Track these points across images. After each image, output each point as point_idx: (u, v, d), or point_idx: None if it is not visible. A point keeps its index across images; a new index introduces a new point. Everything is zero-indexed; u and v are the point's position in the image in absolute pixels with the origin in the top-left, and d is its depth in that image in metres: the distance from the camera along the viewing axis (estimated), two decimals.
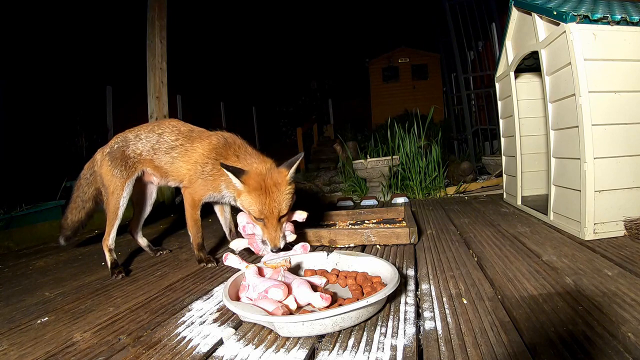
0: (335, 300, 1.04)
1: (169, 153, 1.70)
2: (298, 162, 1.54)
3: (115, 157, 1.70)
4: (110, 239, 1.69)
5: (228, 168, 1.44)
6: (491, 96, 5.74)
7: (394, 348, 0.80)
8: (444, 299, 1.05)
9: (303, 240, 1.74)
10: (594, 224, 1.51)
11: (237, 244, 1.60)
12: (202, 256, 1.67)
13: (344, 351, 0.81)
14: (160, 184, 1.85)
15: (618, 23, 1.50)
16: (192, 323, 1.02)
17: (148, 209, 1.98)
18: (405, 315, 0.96)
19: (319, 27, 12.54)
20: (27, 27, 5.91)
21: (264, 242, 1.47)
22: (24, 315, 1.20)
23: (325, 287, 1.15)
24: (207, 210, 1.88)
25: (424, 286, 1.17)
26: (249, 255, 1.77)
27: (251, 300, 1.04)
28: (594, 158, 1.49)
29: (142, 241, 1.98)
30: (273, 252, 1.44)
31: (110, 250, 1.68)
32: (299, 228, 1.74)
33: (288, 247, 1.52)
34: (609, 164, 1.51)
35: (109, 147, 1.76)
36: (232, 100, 12.41)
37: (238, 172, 1.44)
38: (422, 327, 0.89)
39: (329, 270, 1.30)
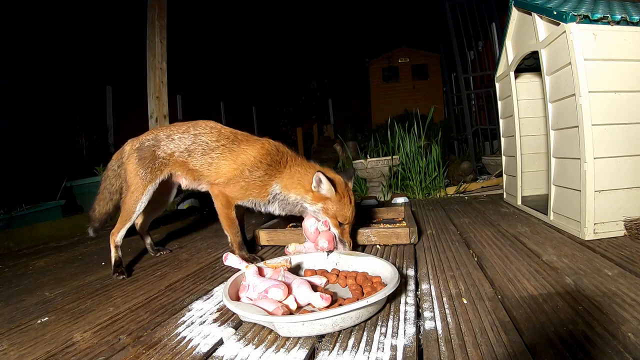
0: (335, 300, 1.04)
1: (208, 154, 1.64)
2: (353, 176, 1.79)
3: (144, 156, 1.64)
4: (118, 235, 1.66)
5: (327, 177, 1.50)
6: (491, 96, 5.74)
7: (394, 348, 0.80)
8: (444, 299, 1.05)
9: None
10: (594, 224, 1.51)
11: (294, 248, 1.58)
12: (244, 255, 1.64)
13: (344, 351, 0.81)
14: (189, 187, 1.79)
15: (618, 23, 1.50)
16: (192, 323, 1.02)
17: (162, 209, 1.96)
18: (405, 315, 0.96)
19: (319, 27, 12.53)
20: (27, 27, 5.91)
21: (342, 242, 1.55)
22: (24, 315, 1.20)
23: (325, 287, 1.15)
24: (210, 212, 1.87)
25: (424, 286, 1.17)
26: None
27: (251, 300, 1.04)
28: (594, 158, 1.49)
29: (147, 239, 1.97)
30: (344, 249, 1.54)
31: (116, 247, 1.65)
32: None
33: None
34: (609, 164, 1.51)
35: (140, 143, 1.69)
36: (232, 100, 12.40)
37: (331, 181, 1.52)
38: (422, 327, 0.89)
39: (329, 270, 1.30)
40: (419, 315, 0.97)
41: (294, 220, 2.22)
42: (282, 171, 1.61)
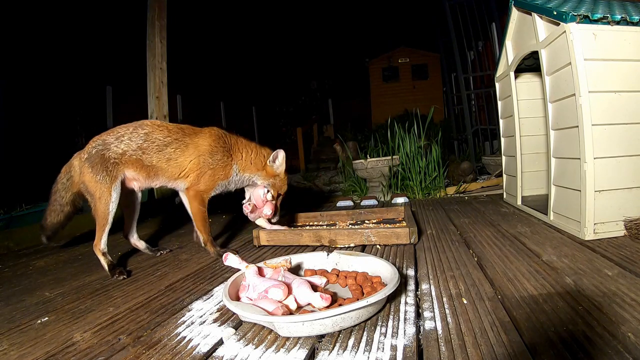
0: (335, 300, 1.04)
1: (163, 150, 1.72)
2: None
3: (95, 162, 1.65)
4: (101, 243, 1.65)
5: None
6: (491, 96, 5.74)
7: (394, 348, 0.80)
8: (444, 299, 1.05)
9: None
10: (594, 224, 1.51)
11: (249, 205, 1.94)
12: (216, 250, 1.77)
13: (344, 351, 0.81)
14: (144, 186, 1.82)
15: (618, 23, 1.50)
16: (192, 323, 1.02)
17: (137, 209, 1.96)
18: (405, 315, 0.96)
19: (319, 27, 12.53)
20: (27, 27, 5.91)
21: (275, 213, 1.94)
22: (24, 315, 1.20)
23: (325, 287, 1.15)
24: (210, 212, 1.88)
25: (424, 286, 1.17)
26: (249, 255, 1.77)
27: (251, 300, 1.04)
28: (594, 158, 1.49)
29: (140, 244, 1.96)
30: (274, 220, 1.98)
31: (104, 254, 1.65)
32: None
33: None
34: (609, 164, 1.51)
35: (87, 153, 1.70)
36: (232, 100, 12.40)
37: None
38: (422, 327, 0.89)
39: (329, 270, 1.30)
40: (419, 315, 0.97)
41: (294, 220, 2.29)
42: (236, 154, 1.85)
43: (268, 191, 1.91)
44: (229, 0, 9.54)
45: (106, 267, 1.63)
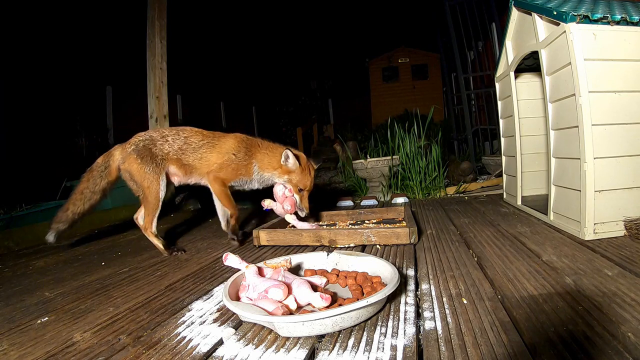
0: (335, 300, 1.04)
1: (197, 151, 1.99)
2: (319, 165, 2.17)
3: (144, 154, 1.88)
4: (152, 226, 1.92)
5: (291, 151, 1.92)
6: (491, 96, 5.73)
7: (394, 348, 0.80)
8: (444, 299, 1.05)
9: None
10: (594, 224, 1.51)
11: (268, 203, 2.08)
12: (236, 229, 2.03)
13: (344, 351, 0.81)
14: (182, 182, 2.07)
15: (618, 23, 1.50)
16: (192, 323, 1.02)
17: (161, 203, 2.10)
18: (405, 315, 0.96)
19: (319, 27, 12.53)
20: (27, 28, 5.91)
21: (300, 208, 2.04)
22: (24, 315, 1.20)
23: (325, 287, 1.15)
24: (211, 212, 1.88)
25: (424, 286, 1.17)
26: (249, 255, 1.77)
27: (251, 300, 1.04)
28: (594, 158, 1.49)
29: (157, 240, 1.99)
30: (302, 215, 2.07)
31: (156, 236, 1.93)
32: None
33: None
34: (609, 164, 1.51)
35: (133, 145, 1.90)
36: (232, 100, 12.41)
37: (296, 157, 1.95)
38: (422, 327, 0.89)
39: (329, 270, 1.30)
40: (419, 315, 0.97)
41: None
42: (256, 155, 2.02)
43: (286, 187, 2.04)
44: (229, 0, 9.54)
45: (161, 247, 1.92)
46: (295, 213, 2.07)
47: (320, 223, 2.41)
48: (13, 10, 5.61)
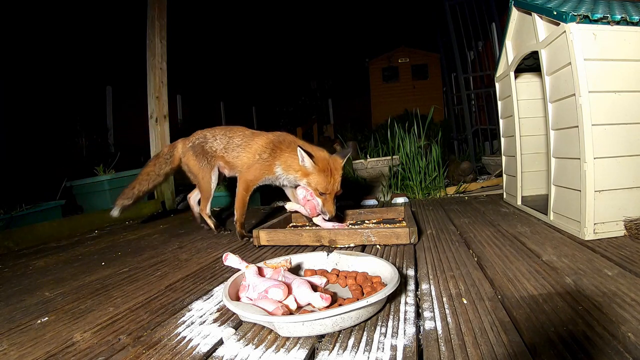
0: (335, 300, 1.04)
1: (235, 150, 2.17)
2: (349, 154, 2.08)
3: (198, 152, 2.21)
4: (207, 209, 2.29)
5: (304, 151, 1.83)
6: (491, 96, 5.74)
7: (394, 348, 0.80)
8: (444, 299, 1.05)
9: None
10: (594, 224, 1.51)
11: (291, 206, 2.10)
12: (243, 232, 2.09)
13: (344, 351, 0.81)
14: (230, 175, 2.32)
15: (618, 23, 1.50)
16: (192, 323, 1.02)
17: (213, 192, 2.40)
18: (405, 315, 0.96)
19: (319, 27, 12.52)
20: (27, 28, 5.91)
21: (323, 212, 1.95)
22: (24, 315, 1.20)
23: (325, 287, 1.15)
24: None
25: (424, 286, 1.17)
26: (249, 255, 1.77)
27: (251, 300, 1.04)
28: (594, 158, 1.49)
29: (210, 221, 2.35)
30: (325, 220, 2.00)
31: (209, 217, 2.30)
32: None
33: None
34: (609, 164, 1.51)
35: (191, 142, 2.26)
36: (232, 100, 12.41)
37: (310, 156, 1.85)
38: (422, 327, 0.89)
39: (329, 270, 1.30)
40: (419, 315, 0.97)
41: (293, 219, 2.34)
42: (280, 156, 2.02)
43: (307, 190, 1.98)
44: (229, 0, 9.54)
45: (212, 226, 2.31)
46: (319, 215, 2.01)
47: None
48: (13, 10, 5.60)
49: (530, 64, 2.28)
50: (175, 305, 1.17)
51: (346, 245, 1.77)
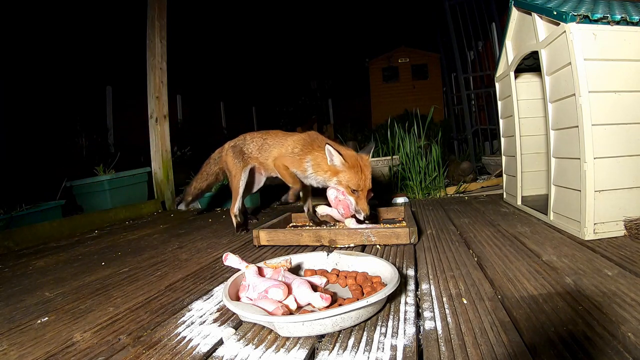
0: (335, 300, 1.04)
1: (267, 150, 2.27)
2: (372, 149, 2.05)
3: (236, 151, 2.36)
4: (235, 208, 2.35)
5: (334, 148, 1.81)
6: (491, 96, 5.74)
7: (394, 348, 0.80)
8: (444, 299, 1.05)
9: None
10: (594, 224, 1.51)
11: (322, 209, 2.09)
12: (295, 198, 2.15)
13: (344, 351, 0.81)
14: (266, 175, 2.47)
15: (618, 23, 1.50)
16: (192, 323, 1.02)
17: (252, 190, 2.61)
18: (405, 315, 0.96)
19: (318, 27, 12.52)
20: (27, 28, 5.91)
21: (357, 211, 1.87)
22: (24, 315, 1.20)
23: (325, 287, 1.15)
24: (211, 213, 1.88)
25: (424, 286, 1.17)
26: (249, 255, 1.77)
27: (251, 300, 1.04)
28: (594, 158, 1.49)
29: (235, 220, 2.40)
30: (361, 219, 1.90)
31: (235, 216, 2.36)
32: None
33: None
34: (609, 164, 1.51)
35: (234, 142, 2.42)
36: (232, 100, 12.40)
37: (340, 154, 1.82)
38: (422, 327, 0.89)
39: (329, 270, 1.30)
40: (419, 315, 0.97)
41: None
42: (310, 154, 2.00)
43: (338, 190, 1.93)
44: (229, 0, 9.53)
45: (235, 225, 2.35)
46: (353, 216, 1.94)
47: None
48: (13, 10, 5.60)
49: (530, 64, 2.28)
50: (175, 305, 1.17)
51: (346, 245, 1.77)
